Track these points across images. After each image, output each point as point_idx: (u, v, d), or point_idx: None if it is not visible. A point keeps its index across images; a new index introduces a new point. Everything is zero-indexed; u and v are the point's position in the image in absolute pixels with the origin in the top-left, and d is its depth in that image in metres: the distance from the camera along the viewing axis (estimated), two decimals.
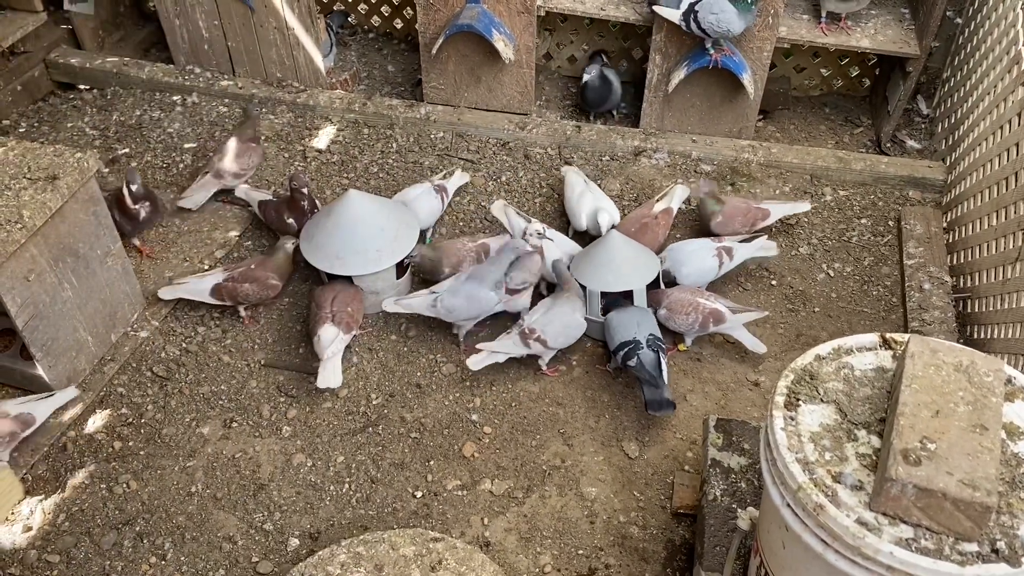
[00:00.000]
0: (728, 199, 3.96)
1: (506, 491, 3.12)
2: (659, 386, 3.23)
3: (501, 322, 3.61)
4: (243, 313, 3.67)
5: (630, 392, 3.43)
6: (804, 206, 4.01)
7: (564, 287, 3.47)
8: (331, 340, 3.35)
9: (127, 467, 3.17)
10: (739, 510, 2.63)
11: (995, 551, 1.78)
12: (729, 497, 2.72)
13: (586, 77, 4.44)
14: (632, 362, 3.26)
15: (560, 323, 3.38)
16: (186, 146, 4.54)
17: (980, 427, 1.87)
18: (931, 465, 1.79)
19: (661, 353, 3.29)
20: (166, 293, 3.63)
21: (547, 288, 3.71)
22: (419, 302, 3.51)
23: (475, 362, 3.36)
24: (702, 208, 3.95)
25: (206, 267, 3.84)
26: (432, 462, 3.21)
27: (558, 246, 3.74)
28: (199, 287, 3.58)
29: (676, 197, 3.94)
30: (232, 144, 4.14)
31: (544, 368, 3.45)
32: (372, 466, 3.20)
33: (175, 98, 4.82)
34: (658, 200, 3.91)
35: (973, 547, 1.79)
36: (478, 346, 3.39)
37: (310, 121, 4.67)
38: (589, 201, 3.85)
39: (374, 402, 3.41)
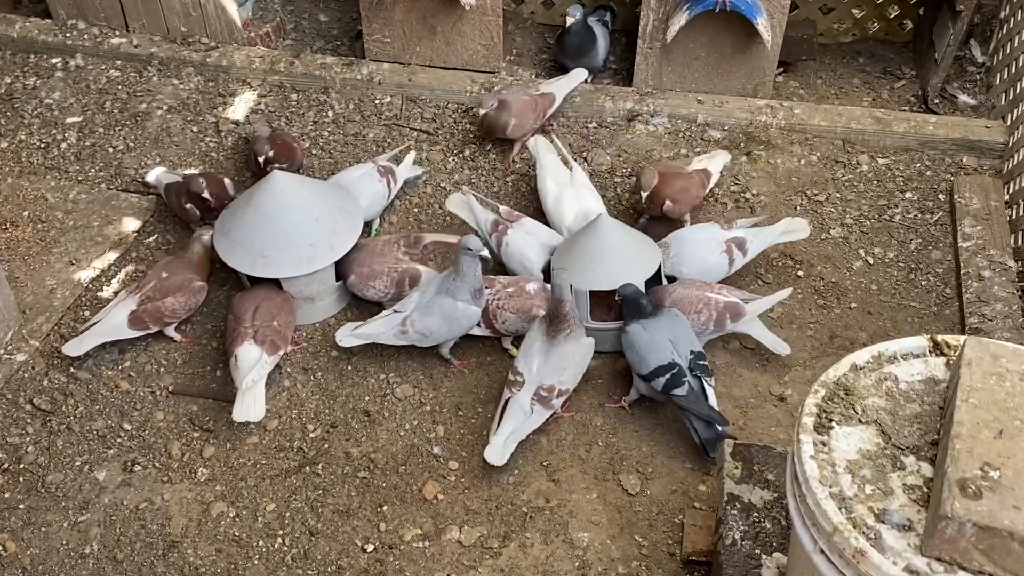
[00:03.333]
0: (512, 97, 4.21)
1: (478, 540, 3.11)
2: (718, 422, 3.22)
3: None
4: (176, 336, 3.62)
5: (628, 415, 3.43)
6: (580, 74, 4.39)
7: (563, 321, 3.32)
8: (252, 363, 3.33)
9: (3, 524, 3.13)
10: (763, 556, 2.63)
11: None
12: (751, 540, 2.72)
13: (569, 21, 4.44)
14: (681, 391, 3.23)
15: (572, 365, 3.31)
16: (69, 120, 4.49)
17: None
18: (994, 498, 1.80)
19: (705, 376, 3.28)
20: (73, 348, 3.47)
21: None
22: (381, 329, 3.46)
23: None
24: (493, 121, 4.18)
25: (89, 278, 3.80)
26: (385, 507, 3.19)
27: (535, 237, 3.73)
28: (111, 325, 3.49)
29: (717, 161, 4.06)
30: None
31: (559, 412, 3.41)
32: (311, 514, 3.17)
33: (54, 61, 4.76)
34: (698, 159, 4.09)
35: None
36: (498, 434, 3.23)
37: (223, 86, 4.63)
38: (570, 204, 3.82)
39: (311, 435, 3.39)
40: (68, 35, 4.78)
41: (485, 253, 3.41)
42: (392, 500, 3.21)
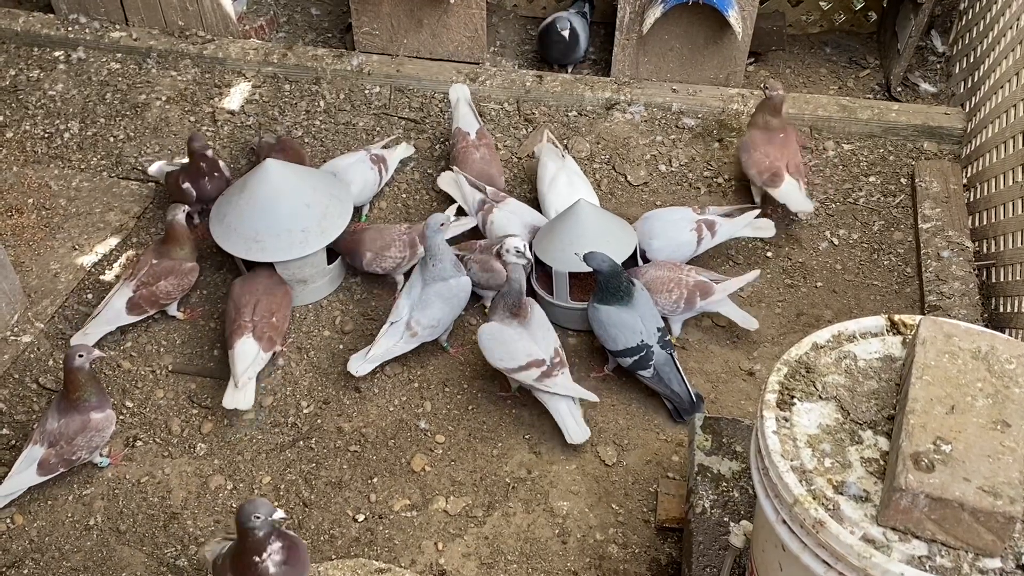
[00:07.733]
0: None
1: (463, 510, 3.11)
2: (687, 394, 3.27)
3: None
4: (179, 314, 3.61)
5: (606, 387, 3.43)
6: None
7: (523, 307, 3.28)
8: (250, 359, 3.28)
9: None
10: (732, 524, 2.62)
11: (1020, 567, 1.79)
12: (720, 509, 2.72)
13: (565, 34, 4.40)
14: (648, 373, 3.27)
15: (547, 325, 3.33)
16: (71, 111, 4.43)
17: (1002, 423, 1.88)
18: (946, 471, 1.80)
19: (671, 350, 3.30)
20: (79, 340, 3.41)
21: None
22: (390, 342, 3.37)
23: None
24: None
25: (91, 260, 3.77)
26: (375, 479, 3.19)
27: (519, 217, 3.71)
28: (112, 312, 3.46)
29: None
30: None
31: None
32: (304, 486, 3.17)
33: (57, 54, 4.70)
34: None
35: (996, 564, 1.80)
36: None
37: (219, 77, 4.58)
38: (562, 188, 3.80)
39: (305, 411, 3.37)
40: (70, 29, 4.72)
41: (451, 215, 3.43)
42: (382, 472, 3.21)
